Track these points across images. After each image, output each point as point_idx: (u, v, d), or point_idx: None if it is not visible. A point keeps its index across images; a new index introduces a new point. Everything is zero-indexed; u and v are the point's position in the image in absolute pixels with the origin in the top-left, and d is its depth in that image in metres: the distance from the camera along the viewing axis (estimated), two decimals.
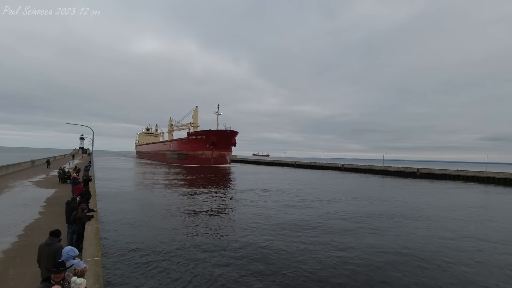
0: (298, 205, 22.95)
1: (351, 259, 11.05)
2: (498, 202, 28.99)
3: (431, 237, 14.69)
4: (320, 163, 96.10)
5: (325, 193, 31.04)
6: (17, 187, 19.89)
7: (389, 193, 33.56)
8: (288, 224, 16.40)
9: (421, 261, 11.07)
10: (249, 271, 9.69)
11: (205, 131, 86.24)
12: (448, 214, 21.24)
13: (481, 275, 9.99)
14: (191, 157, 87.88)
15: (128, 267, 9.63)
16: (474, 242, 13.97)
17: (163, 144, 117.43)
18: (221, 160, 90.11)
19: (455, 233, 15.68)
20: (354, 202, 25.25)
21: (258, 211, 20.00)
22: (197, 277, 9.08)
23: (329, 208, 22.02)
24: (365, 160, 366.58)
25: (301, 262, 10.63)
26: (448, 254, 12.08)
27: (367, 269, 10.19)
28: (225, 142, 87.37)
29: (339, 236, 14.34)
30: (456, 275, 9.93)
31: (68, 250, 5.08)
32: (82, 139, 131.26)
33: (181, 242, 12.53)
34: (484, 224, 18.23)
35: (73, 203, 9.46)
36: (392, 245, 13.05)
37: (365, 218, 18.71)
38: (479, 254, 12.26)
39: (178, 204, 21.61)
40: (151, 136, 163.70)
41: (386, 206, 23.72)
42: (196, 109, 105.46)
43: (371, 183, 46.69)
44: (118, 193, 26.11)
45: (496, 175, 52.06)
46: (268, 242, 12.83)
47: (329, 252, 11.82)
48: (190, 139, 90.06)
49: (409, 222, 18.03)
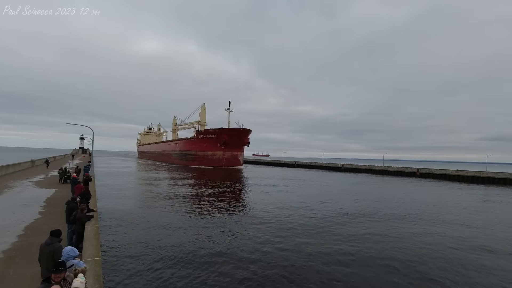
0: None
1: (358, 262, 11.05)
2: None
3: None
4: (320, 163, 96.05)
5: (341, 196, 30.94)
6: (17, 187, 19.88)
7: (402, 195, 32.76)
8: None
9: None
10: (249, 273, 9.68)
11: (216, 130, 79.15)
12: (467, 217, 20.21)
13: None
14: (201, 158, 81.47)
15: (128, 267, 9.62)
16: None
17: (168, 144, 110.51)
18: (234, 161, 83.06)
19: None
20: (362, 203, 25.17)
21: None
22: (197, 277, 9.08)
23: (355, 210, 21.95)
24: (365, 160, 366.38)
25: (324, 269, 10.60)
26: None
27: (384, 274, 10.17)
28: (238, 142, 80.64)
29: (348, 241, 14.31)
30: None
31: (68, 250, 5.07)
32: (82, 139, 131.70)
33: (183, 243, 12.50)
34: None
35: (72, 203, 9.46)
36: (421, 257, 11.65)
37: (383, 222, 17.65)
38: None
39: (182, 207, 21.56)
40: (153, 135, 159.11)
41: (406, 210, 22.87)
42: (204, 106, 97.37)
43: (374, 183, 46.64)
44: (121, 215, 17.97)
45: (496, 175, 52.05)
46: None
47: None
48: (199, 138, 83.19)
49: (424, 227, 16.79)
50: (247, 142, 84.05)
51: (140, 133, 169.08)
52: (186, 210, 19.43)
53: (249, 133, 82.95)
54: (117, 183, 33.97)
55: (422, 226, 17.00)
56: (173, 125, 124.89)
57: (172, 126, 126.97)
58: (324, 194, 29.93)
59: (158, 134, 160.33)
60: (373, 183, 46.49)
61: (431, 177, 59.94)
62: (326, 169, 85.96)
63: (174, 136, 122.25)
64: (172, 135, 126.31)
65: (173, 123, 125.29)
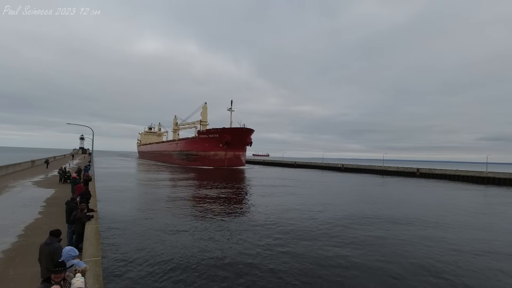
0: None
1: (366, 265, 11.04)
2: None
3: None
4: (320, 163, 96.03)
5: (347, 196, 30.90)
6: (17, 187, 19.89)
7: (407, 195, 32.83)
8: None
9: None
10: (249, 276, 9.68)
11: (218, 129, 77.81)
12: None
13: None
14: (202, 158, 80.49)
15: (128, 267, 9.62)
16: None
17: (169, 144, 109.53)
18: (236, 162, 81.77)
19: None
20: (368, 205, 25.14)
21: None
22: (198, 278, 9.07)
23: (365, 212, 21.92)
24: (365, 160, 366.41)
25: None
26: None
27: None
28: (240, 141, 79.28)
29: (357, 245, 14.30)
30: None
31: (68, 250, 5.07)
32: (82, 139, 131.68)
33: (184, 244, 12.50)
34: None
35: (72, 203, 9.46)
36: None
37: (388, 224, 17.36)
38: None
39: (183, 208, 21.52)
40: (154, 135, 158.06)
41: (417, 211, 22.86)
42: (205, 105, 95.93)
43: (375, 184, 46.61)
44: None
45: (496, 175, 52.05)
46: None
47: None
48: (201, 138, 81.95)
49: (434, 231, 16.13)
50: (249, 142, 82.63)
51: (140, 133, 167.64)
52: (186, 212, 19.38)
53: (252, 133, 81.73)
54: (118, 184, 33.96)
55: (427, 230, 16.37)
56: (174, 125, 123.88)
57: (172, 126, 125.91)
58: (325, 195, 29.93)
59: (159, 134, 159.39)
60: (373, 183, 46.47)
61: (431, 177, 59.94)
62: (326, 169, 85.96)
63: (175, 136, 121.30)
64: (173, 135, 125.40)
65: (174, 123, 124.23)
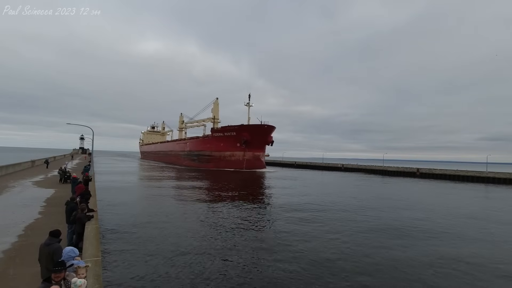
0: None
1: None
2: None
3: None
4: (320, 163, 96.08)
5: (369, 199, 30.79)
6: (17, 187, 19.87)
7: (404, 196, 32.77)
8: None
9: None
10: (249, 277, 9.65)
11: (236, 126, 68.56)
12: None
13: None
14: (217, 159, 71.30)
15: (128, 267, 9.62)
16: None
17: (176, 143, 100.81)
18: (256, 164, 70.85)
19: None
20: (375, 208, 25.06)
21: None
22: (197, 278, 9.07)
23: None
24: (365, 160, 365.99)
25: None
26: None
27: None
28: (260, 140, 68.97)
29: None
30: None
31: (68, 250, 5.07)
32: (82, 139, 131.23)
33: (185, 245, 12.50)
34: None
35: (72, 203, 9.45)
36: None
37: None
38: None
39: (188, 210, 21.47)
40: (157, 135, 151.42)
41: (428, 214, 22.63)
42: (217, 101, 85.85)
43: (375, 184, 46.58)
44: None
45: (496, 175, 52.09)
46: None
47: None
48: (215, 136, 72.64)
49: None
50: (270, 140, 71.61)
51: (143, 132, 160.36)
52: (194, 219, 19.01)
53: (273, 131, 70.92)
54: (119, 184, 33.93)
55: (435, 237, 15.55)
56: (180, 123, 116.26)
57: (178, 124, 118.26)
58: (326, 196, 29.92)
59: (162, 134, 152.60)
60: (373, 183, 46.47)
61: (431, 177, 59.95)
62: (326, 169, 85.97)
63: (181, 135, 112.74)
64: (178, 134, 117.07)
65: (180, 121, 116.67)
